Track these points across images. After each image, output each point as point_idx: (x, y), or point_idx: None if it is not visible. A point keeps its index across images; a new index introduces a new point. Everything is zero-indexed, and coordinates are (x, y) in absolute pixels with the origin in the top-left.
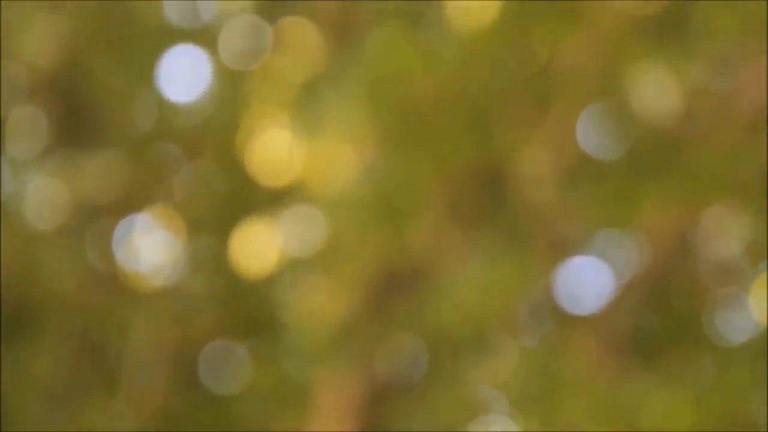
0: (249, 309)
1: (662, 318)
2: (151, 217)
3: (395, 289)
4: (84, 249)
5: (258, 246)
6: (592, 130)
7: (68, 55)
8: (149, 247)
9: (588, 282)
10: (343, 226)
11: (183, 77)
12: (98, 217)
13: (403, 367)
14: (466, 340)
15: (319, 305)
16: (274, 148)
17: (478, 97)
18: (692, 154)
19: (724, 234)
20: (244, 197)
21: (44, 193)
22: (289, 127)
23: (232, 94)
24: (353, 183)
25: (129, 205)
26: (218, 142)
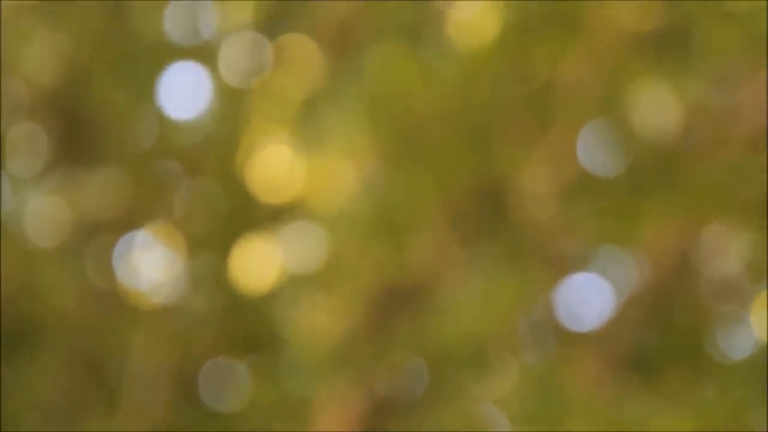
0: (249, 326)
1: (663, 335)
2: (152, 234)
3: (395, 305)
4: (84, 266)
5: (258, 263)
6: (593, 147)
7: (69, 72)
8: (149, 264)
9: (588, 299)
10: (344, 242)
11: (183, 94)
12: (98, 235)
13: (404, 383)
14: (466, 357)
15: (319, 322)
16: (274, 165)
17: (478, 114)
18: (693, 170)
19: (724, 251)
20: (245, 214)
21: (44, 211)
22: (290, 144)
23: (232, 111)
24: (353, 199)
25: (129, 222)
26: (218, 159)
